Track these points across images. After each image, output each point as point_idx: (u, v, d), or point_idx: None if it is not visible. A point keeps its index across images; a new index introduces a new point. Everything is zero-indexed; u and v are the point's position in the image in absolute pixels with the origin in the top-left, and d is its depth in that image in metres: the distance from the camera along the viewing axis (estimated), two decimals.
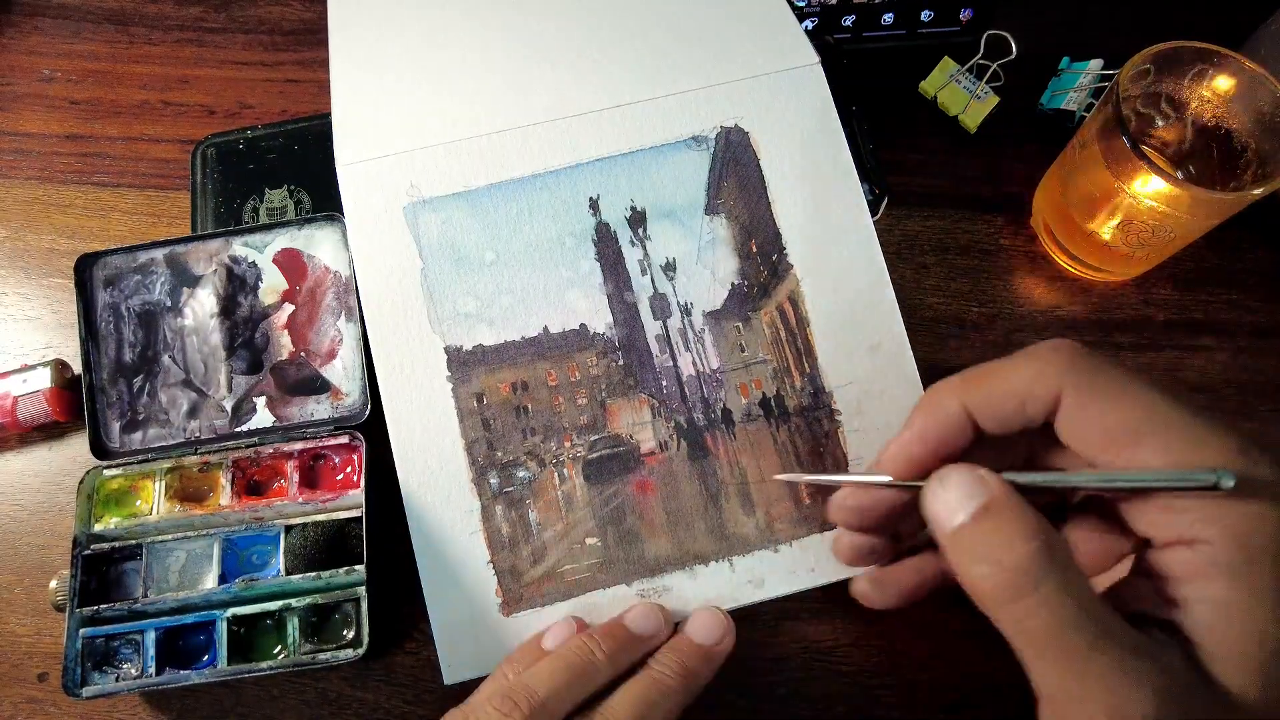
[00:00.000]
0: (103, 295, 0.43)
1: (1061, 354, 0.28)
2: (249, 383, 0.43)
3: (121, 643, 0.40)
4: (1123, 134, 0.42)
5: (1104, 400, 0.27)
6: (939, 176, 0.53)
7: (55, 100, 0.55)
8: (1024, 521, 0.26)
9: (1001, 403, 0.28)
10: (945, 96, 0.53)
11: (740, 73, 0.42)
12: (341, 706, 0.41)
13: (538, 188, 0.41)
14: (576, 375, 0.40)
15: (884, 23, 0.53)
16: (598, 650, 0.34)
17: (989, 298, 0.50)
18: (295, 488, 0.41)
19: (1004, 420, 0.29)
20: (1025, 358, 0.28)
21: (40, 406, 0.45)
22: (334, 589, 0.40)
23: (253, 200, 0.49)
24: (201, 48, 0.57)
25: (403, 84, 0.43)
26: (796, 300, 0.41)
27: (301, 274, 0.44)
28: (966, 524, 0.27)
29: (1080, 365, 0.27)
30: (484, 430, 0.39)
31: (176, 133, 0.54)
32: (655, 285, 0.41)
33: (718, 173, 0.42)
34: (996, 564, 0.26)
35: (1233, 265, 0.51)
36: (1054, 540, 0.26)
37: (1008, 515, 0.26)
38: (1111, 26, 0.57)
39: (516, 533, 0.39)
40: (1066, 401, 0.27)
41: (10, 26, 0.57)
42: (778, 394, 0.41)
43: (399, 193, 0.41)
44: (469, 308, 0.40)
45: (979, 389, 0.29)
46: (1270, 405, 0.48)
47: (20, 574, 0.44)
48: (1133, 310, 0.50)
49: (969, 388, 0.29)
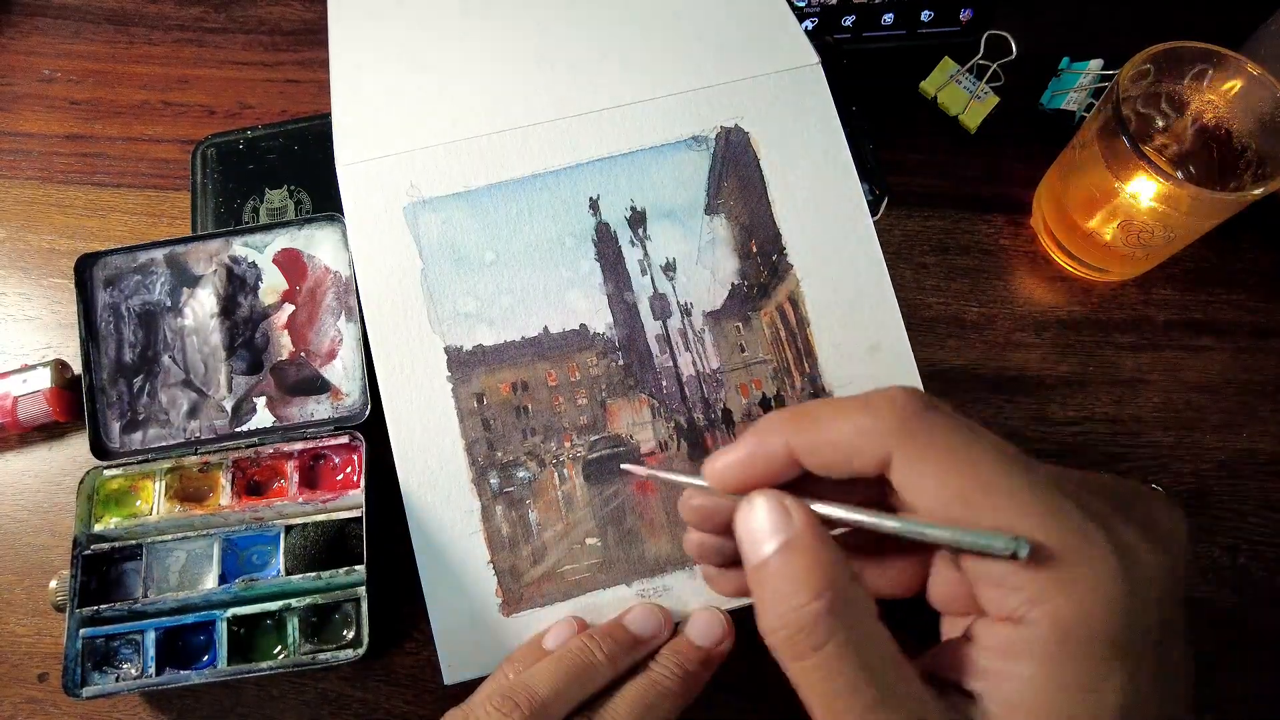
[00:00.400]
0: (103, 295, 0.43)
1: (893, 409, 0.26)
2: (249, 383, 0.43)
3: (121, 643, 0.40)
4: (1123, 134, 0.42)
5: (934, 464, 0.25)
6: (939, 176, 0.53)
7: (55, 100, 0.55)
8: (816, 570, 0.25)
9: (825, 453, 0.27)
10: (945, 96, 0.53)
11: (740, 73, 0.42)
12: (341, 706, 0.41)
13: (538, 188, 0.41)
14: (576, 375, 0.40)
15: (884, 23, 0.53)
16: (598, 651, 0.34)
17: (989, 298, 0.50)
18: (295, 488, 0.41)
19: (830, 469, 0.27)
20: (856, 408, 0.26)
21: (40, 406, 0.45)
22: (334, 589, 0.40)
23: (253, 200, 0.49)
24: (201, 48, 0.57)
25: (403, 84, 0.43)
26: (796, 300, 0.41)
27: (301, 274, 0.44)
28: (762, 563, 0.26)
29: (913, 426, 0.25)
30: (484, 430, 0.39)
31: (176, 133, 0.54)
32: (655, 285, 0.41)
33: (718, 173, 0.42)
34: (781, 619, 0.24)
35: (1233, 265, 0.51)
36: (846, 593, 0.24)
37: (801, 561, 0.25)
38: (1111, 26, 0.57)
39: (516, 533, 0.39)
40: (897, 462, 0.25)
41: (10, 26, 0.57)
42: (778, 394, 0.41)
43: (399, 193, 0.41)
44: (469, 308, 0.40)
45: (804, 433, 0.27)
46: (1270, 405, 0.48)
47: (20, 574, 0.44)
48: (1133, 310, 0.50)
49: (796, 429, 0.27)
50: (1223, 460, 0.47)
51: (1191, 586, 0.44)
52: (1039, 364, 0.49)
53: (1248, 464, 0.47)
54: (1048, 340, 0.49)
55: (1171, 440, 0.47)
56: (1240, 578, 0.45)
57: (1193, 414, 0.48)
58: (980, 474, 0.24)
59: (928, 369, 0.42)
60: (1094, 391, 0.48)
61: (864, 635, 0.24)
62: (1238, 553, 0.45)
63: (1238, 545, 0.45)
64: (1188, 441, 0.47)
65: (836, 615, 0.24)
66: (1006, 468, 0.24)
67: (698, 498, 0.30)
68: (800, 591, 0.24)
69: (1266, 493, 0.46)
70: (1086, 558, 0.23)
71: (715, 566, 0.33)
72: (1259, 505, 0.46)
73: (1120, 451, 0.47)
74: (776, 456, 0.27)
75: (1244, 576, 0.45)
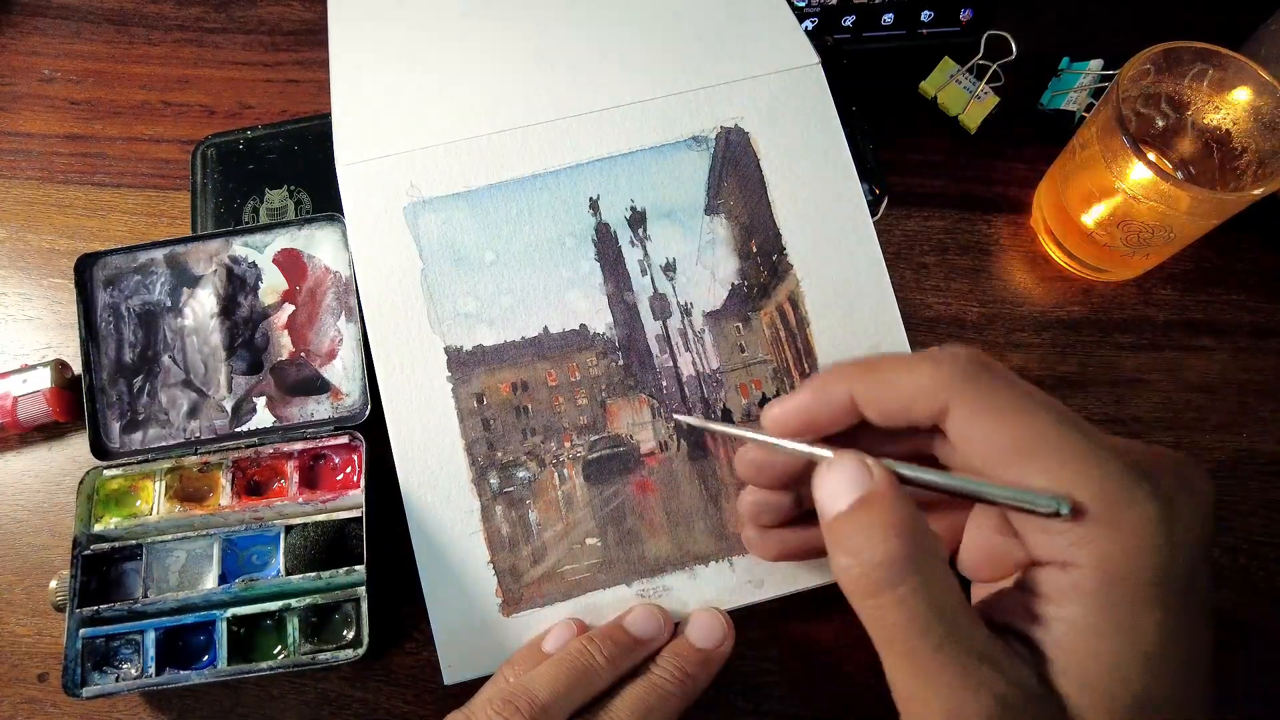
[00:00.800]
0: (103, 295, 0.43)
1: (955, 364, 0.27)
2: (249, 383, 0.43)
3: (121, 643, 0.40)
4: (1123, 134, 0.42)
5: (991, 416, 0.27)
6: (939, 176, 0.53)
7: (55, 100, 0.55)
8: (894, 517, 0.26)
9: (888, 402, 0.28)
10: (945, 96, 0.53)
11: (740, 73, 0.42)
12: (341, 706, 0.41)
13: (538, 188, 0.41)
14: (576, 375, 0.40)
15: (884, 23, 0.53)
16: (598, 653, 0.34)
17: (989, 298, 0.50)
18: (295, 488, 0.41)
19: (889, 418, 0.29)
20: (920, 361, 0.28)
21: (40, 406, 0.45)
22: (334, 589, 0.40)
23: (253, 200, 0.49)
24: (201, 48, 0.57)
25: (403, 84, 0.43)
26: (796, 300, 0.41)
27: (301, 274, 0.44)
28: (844, 513, 0.27)
29: (972, 377, 0.27)
30: (484, 430, 0.39)
31: (176, 133, 0.54)
32: (655, 285, 0.41)
33: (718, 173, 0.42)
34: (858, 557, 0.26)
35: (1233, 265, 0.51)
36: (922, 540, 0.26)
37: (880, 509, 0.27)
38: (1111, 26, 0.57)
39: (516, 533, 0.39)
40: (954, 413, 0.27)
41: (10, 26, 0.57)
42: (778, 394, 0.41)
43: (399, 193, 0.41)
44: (469, 308, 0.40)
45: (868, 382, 0.29)
46: (1270, 405, 0.48)
47: (20, 574, 0.44)
48: (1133, 310, 0.50)
49: (859, 378, 0.29)
50: (1223, 460, 0.47)
51: None
52: (1039, 364, 0.49)
53: (1248, 464, 0.47)
54: (1048, 340, 0.49)
55: (1171, 440, 0.47)
56: (1240, 578, 0.45)
57: (1193, 414, 0.48)
58: (1034, 427, 0.26)
59: None
60: (1094, 391, 0.48)
61: (936, 579, 0.26)
62: (1238, 553, 0.45)
63: (1238, 545, 0.45)
64: (1188, 441, 0.47)
65: (913, 559, 0.25)
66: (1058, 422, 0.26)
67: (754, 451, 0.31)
68: (880, 535, 0.26)
69: (1266, 493, 0.46)
70: (1131, 503, 0.25)
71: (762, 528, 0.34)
72: (1259, 505, 0.46)
73: None
74: (839, 404, 0.29)
75: (1244, 576, 0.45)
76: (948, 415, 0.27)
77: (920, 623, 0.25)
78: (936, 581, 0.26)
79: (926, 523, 0.27)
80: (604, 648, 0.35)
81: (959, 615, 0.25)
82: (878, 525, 0.26)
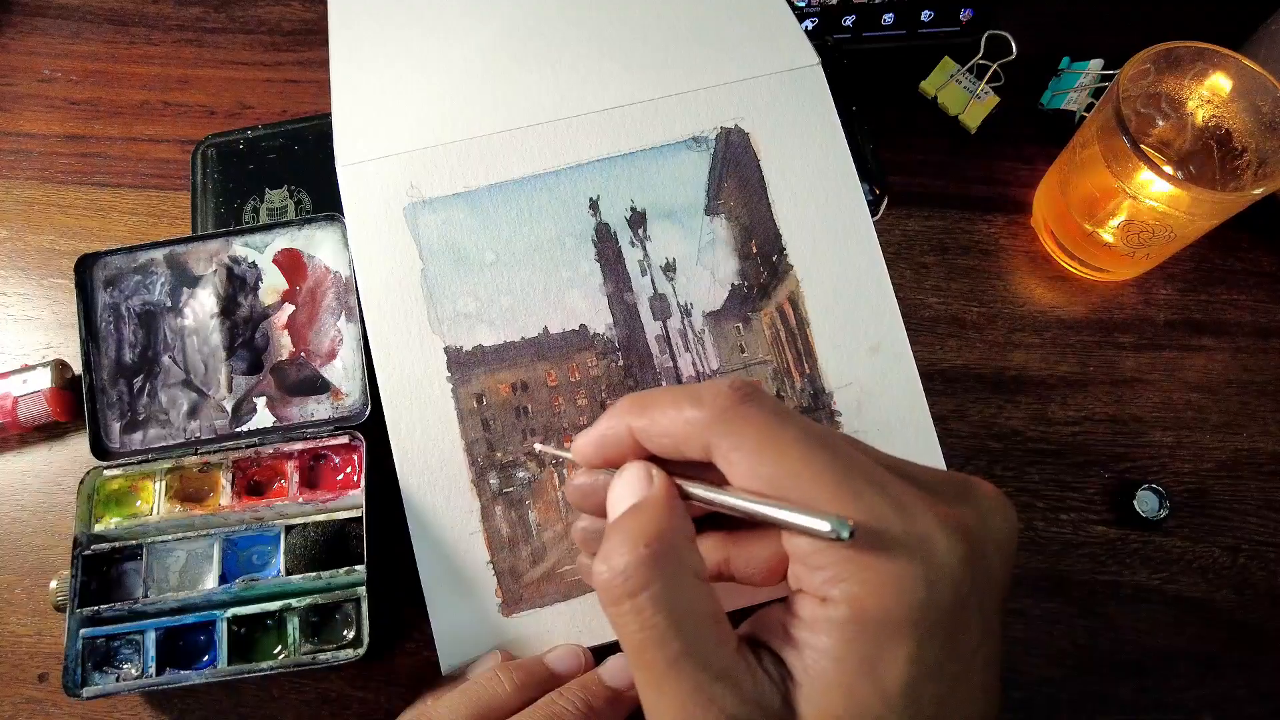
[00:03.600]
0: (103, 295, 0.43)
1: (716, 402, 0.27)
2: (249, 383, 0.43)
3: (122, 643, 0.40)
4: (1123, 134, 0.42)
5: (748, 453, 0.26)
6: (939, 176, 0.53)
7: (55, 100, 0.55)
8: (653, 526, 0.26)
9: (660, 439, 0.28)
10: (945, 96, 0.53)
11: (740, 73, 0.42)
12: (341, 706, 0.41)
13: (538, 188, 0.41)
14: (576, 376, 0.40)
15: (884, 23, 0.53)
16: (507, 682, 0.35)
17: (989, 298, 0.50)
18: (295, 488, 0.41)
19: (667, 453, 0.28)
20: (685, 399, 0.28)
21: (40, 407, 0.45)
22: (334, 589, 0.40)
23: (253, 200, 0.49)
24: (201, 48, 0.57)
25: (403, 84, 0.43)
26: (796, 301, 0.41)
27: (301, 274, 0.44)
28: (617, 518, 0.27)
29: (729, 417, 0.27)
30: (484, 431, 0.39)
31: (176, 133, 0.54)
32: (655, 286, 0.41)
33: (718, 173, 0.42)
34: (608, 562, 0.26)
35: (1233, 265, 0.51)
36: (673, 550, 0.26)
37: (643, 518, 0.27)
38: (1111, 26, 0.57)
39: (516, 533, 0.39)
40: (716, 452, 0.27)
41: (10, 26, 0.57)
42: (778, 394, 0.41)
43: (399, 193, 0.41)
44: (469, 308, 0.40)
45: (641, 420, 0.29)
46: (1270, 405, 0.48)
47: (20, 574, 0.44)
48: (1133, 310, 0.50)
49: (636, 415, 0.29)
50: (1223, 460, 0.47)
51: (1191, 586, 0.45)
52: (1039, 364, 0.49)
53: (1248, 464, 0.47)
54: (1048, 340, 0.49)
55: (1171, 440, 0.47)
56: (1240, 578, 0.45)
57: (1193, 414, 0.48)
58: (787, 461, 0.26)
59: (928, 369, 0.42)
60: (1094, 391, 0.48)
61: (680, 591, 0.26)
62: (1238, 553, 0.45)
63: (1238, 545, 0.45)
64: (1188, 441, 0.47)
65: (655, 567, 0.25)
66: (812, 453, 0.26)
67: (580, 477, 0.31)
68: (630, 539, 0.26)
69: (1266, 493, 0.46)
70: (884, 541, 0.25)
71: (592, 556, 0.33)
72: (1259, 505, 0.46)
73: (1120, 451, 0.47)
74: (623, 438, 0.29)
75: (1244, 576, 0.45)
76: (712, 455, 0.27)
77: (657, 634, 0.25)
78: (681, 593, 0.25)
79: (690, 535, 0.27)
80: (515, 677, 0.35)
81: (702, 629, 0.25)
82: (632, 533, 0.26)
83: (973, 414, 0.47)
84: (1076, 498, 0.46)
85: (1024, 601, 0.44)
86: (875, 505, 0.25)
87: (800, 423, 0.27)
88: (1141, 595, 0.44)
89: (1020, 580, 0.44)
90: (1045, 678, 0.43)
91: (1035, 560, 0.45)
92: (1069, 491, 0.46)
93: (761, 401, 0.27)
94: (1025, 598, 0.44)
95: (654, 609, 0.25)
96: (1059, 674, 0.43)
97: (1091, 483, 0.46)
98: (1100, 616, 0.44)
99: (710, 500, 0.28)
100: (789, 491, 0.26)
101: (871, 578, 0.25)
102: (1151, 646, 0.44)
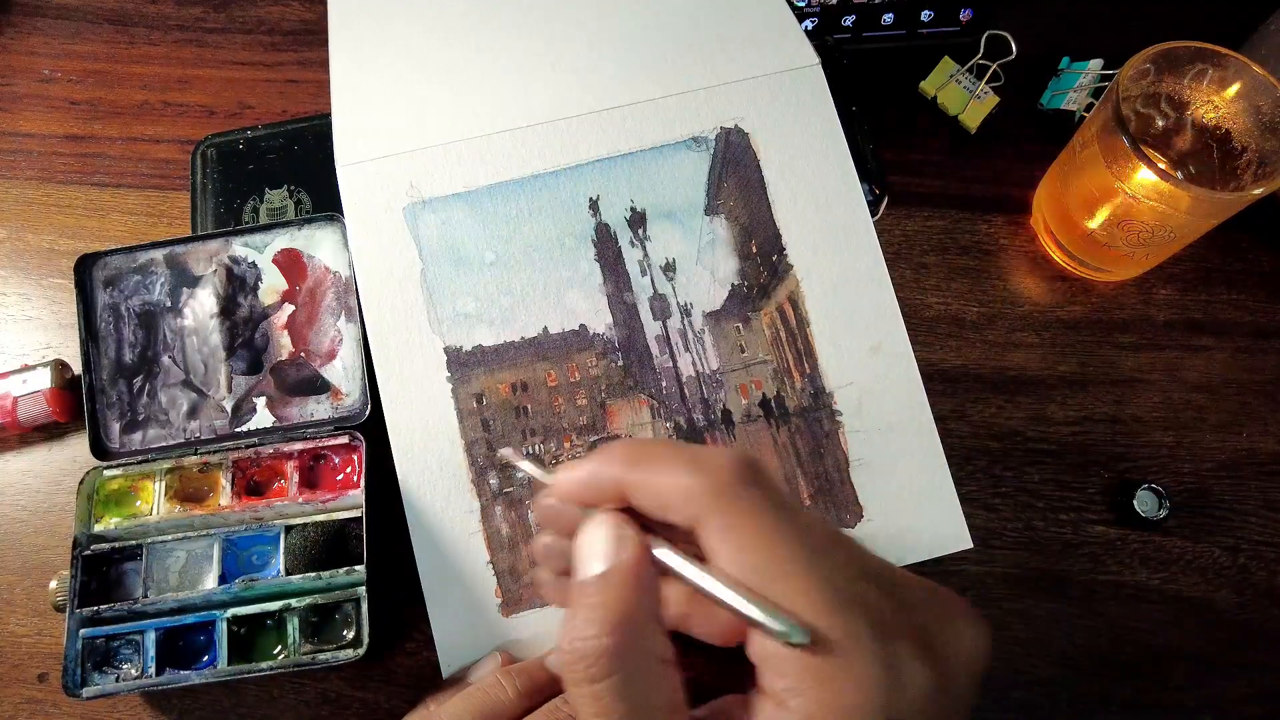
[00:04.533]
0: (103, 295, 0.43)
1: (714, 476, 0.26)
2: (249, 383, 0.43)
3: (121, 643, 0.40)
4: (1123, 134, 0.42)
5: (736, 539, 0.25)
6: (939, 176, 0.53)
7: (55, 100, 0.55)
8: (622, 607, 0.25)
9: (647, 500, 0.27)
10: (945, 96, 0.53)
11: (740, 73, 0.42)
12: (341, 707, 0.41)
13: (538, 188, 0.41)
14: (576, 376, 0.40)
15: (884, 23, 0.53)
16: (510, 687, 0.35)
17: (989, 298, 0.50)
18: (295, 488, 0.41)
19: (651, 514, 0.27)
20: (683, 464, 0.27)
21: (40, 407, 0.45)
22: (334, 589, 0.40)
23: (253, 200, 0.49)
24: (201, 48, 0.57)
25: (403, 84, 0.43)
26: (796, 300, 0.41)
27: (301, 274, 0.44)
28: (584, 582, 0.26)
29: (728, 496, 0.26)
30: (484, 431, 0.39)
31: (176, 133, 0.54)
32: (655, 286, 0.41)
33: (718, 173, 0.42)
34: (573, 640, 0.25)
35: (1233, 265, 0.51)
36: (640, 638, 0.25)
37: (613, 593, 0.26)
38: (1111, 26, 0.57)
39: (516, 533, 0.39)
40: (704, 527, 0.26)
41: (10, 26, 0.57)
42: (778, 395, 0.41)
43: (399, 193, 0.41)
44: (469, 308, 0.40)
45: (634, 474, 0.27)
46: (1270, 405, 0.48)
47: (20, 574, 0.44)
48: (1133, 310, 0.50)
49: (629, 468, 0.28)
50: (1223, 460, 0.47)
51: (1191, 586, 0.45)
52: (1039, 364, 0.49)
53: (1248, 464, 0.47)
54: (1048, 340, 0.49)
55: (1171, 440, 0.47)
56: (1240, 578, 0.45)
57: (1193, 414, 0.48)
58: (776, 558, 0.25)
59: (928, 369, 0.42)
60: (1094, 391, 0.48)
61: (642, 682, 0.25)
62: (1238, 553, 0.45)
63: (1238, 545, 0.45)
64: (1188, 441, 0.47)
65: (619, 657, 0.25)
66: (803, 556, 0.25)
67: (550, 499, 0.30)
68: (596, 622, 0.25)
69: (1266, 493, 0.46)
70: (849, 663, 0.24)
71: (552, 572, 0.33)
72: (1259, 505, 0.46)
73: (1120, 451, 0.47)
74: (611, 489, 0.28)
75: (1244, 576, 0.45)
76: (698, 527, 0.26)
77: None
78: (643, 684, 0.25)
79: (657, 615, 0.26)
80: (517, 682, 0.35)
81: None
82: (601, 611, 0.25)
83: (973, 414, 0.47)
84: (1076, 498, 0.46)
85: (1024, 601, 0.44)
86: (852, 623, 0.24)
87: (800, 520, 0.26)
88: (1141, 595, 0.44)
89: (1020, 580, 0.44)
90: (1045, 678, 0.43)
91: (1035, 560, 0.45)
92: (1069, 491, 0.46)
93: (765, 486, 0.26)
94: (1025, 598, 0.44)
95: (613, 698, 0.24)
96: (1059, 674, 0.43)
97: (1091, 483, 0.46)
98: (1100, 616, 0.44)
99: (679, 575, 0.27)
100: (768, 588, 0.25)
101: (830, 699, 0.24)
102: (1151, 646, 0.44)
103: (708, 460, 0.27)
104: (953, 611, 0.28)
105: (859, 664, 0.24)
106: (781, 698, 0.24)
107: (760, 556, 0.25)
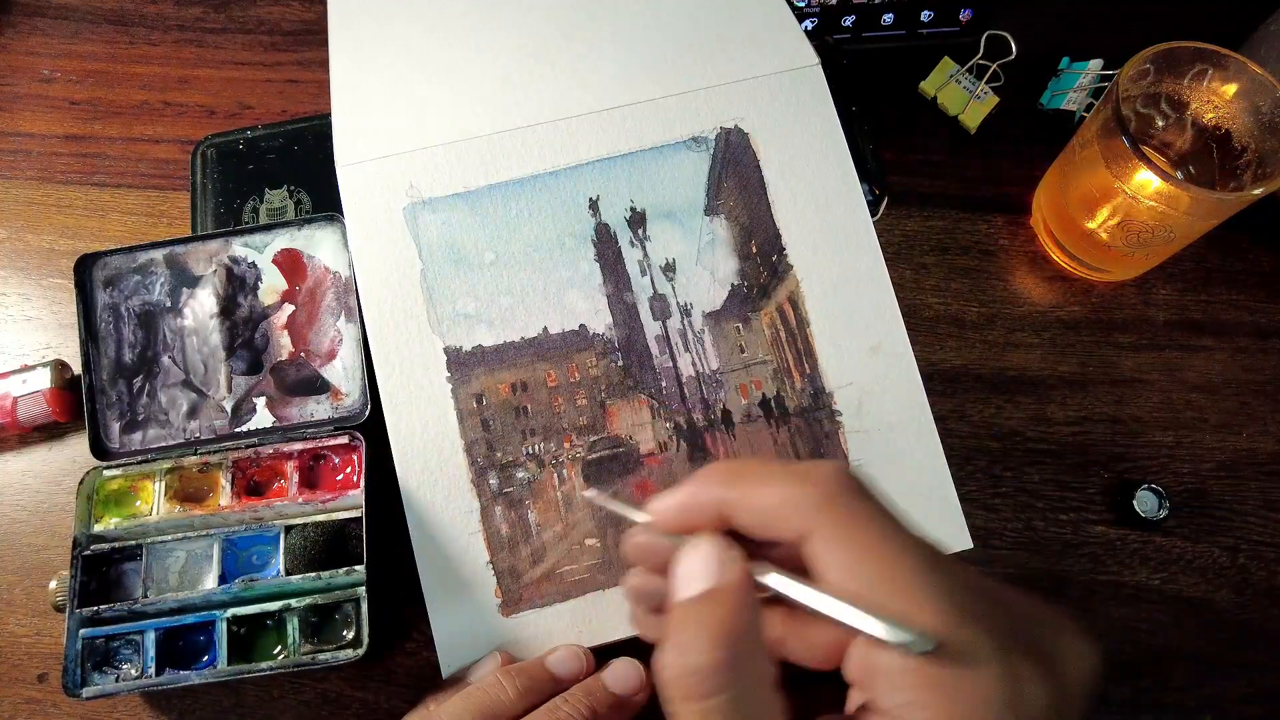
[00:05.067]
0: (102, 295, 0.43)
1: (821, 488, 0.26)
2: (249, 383, 0.43)
3: (121, 643, 0.40)
4: (1123, 134, 0.42)
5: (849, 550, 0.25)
6: (939, 176, 0.53)
7: (55, 100, 0.55)
8: (728, 624, 0.25)
9: (751, 517, 0.27)
10: (945, 96, 0.53)
11: (740, 73, 0.42)
12: (341, 707, 0.41)
13: (537, 188, 0.41)
14: (576, 376, 0.40)
15: (884, 23, 0.53)
16: (510, 687, 0.35)
17: (989, 298, 0.50)
18: (295, 488, 0.41)
19: (754, 531, 0.27)
20: (787, 479, 0.27)
21: (40, 407, 0.45)
22: (334, 589, 0.40)
23: (253, 200, 0.49)
24: (201, 48, 0.57)
25: (403, 84, 0.43)
26: (796, 300, 0.41)
27: (301, 274, 0.44)
28: (686, 601, 0.26)
29: (835, 504, 0.26)
30: (484, 431, 0.39)
31: (176, 133, 0.54)
32: (655, 286, 0.41)
33: (717, 173, 0.42)
34: (679, 657, 0.25)
35: (1233, 265, 0.51)
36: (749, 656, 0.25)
37: (718, 610, 0.25)
38: (1111, 26, 0.57)
39: (516, 533, 0.39)
40: (813, 540, 0.26)
41: (10, 26, 0.57)
42: (778, 395, 0.41)
43: (399, 193, 0.41)
44: (469, 308, 0.40)
45: (734, 494, 0.27)
46: (1270, 405, 0.48)
47: (20, 574, 0.44)
48: (1133, 310, 0.50)
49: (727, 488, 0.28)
50: (1223, 460, 0.47)
51: (1191, 586, 0.45)
52: (1039, 364, 0.49)
53: (1248, 464, 0.47)
54: (1048, 340, 0.49)
55: (1171, 440, 0.47)
56: (1240, 578, 0.45)
57: (1193, 414, 0.48)
58: (893, 568, 0.25)
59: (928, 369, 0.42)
60: (1094, 391, 0.48)
61: (753, 700, 0.25)
62: (1238, 553, 0.45)
63: (1238, 545, 0.45)
64: (1188, 441, 0.47)
65: (731, 673, 0.24)
66: (921, 567, 0.25)
67: (642, 535, 0.30)
68: (706, 638, 0.25)
69: (1266, 493, 0.46)
70: (974, 674, 0.23)
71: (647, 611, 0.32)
72: (1259, 505, 0.46)
73: (1120, 451, 0.47)
74: (710, 510, 0.28)
75: (1244, 576, 0.45)
76: (808, 540, 0.26)
77: None
78: (752, 705, 0.24)
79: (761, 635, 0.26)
80: (517, 682, 0.35)
81: None
82: (708, 627, 0.25)
83: (972, 414, 0.47)
84: (1076, 498, 0.46)
85: None
86: (975, 635, 0.24)
87: (911, 530, 0.26)
88: (1141, 595, 0.44)
89: (1020, 580, 0.44)
90: None
91: (1035, 560, 0.45)
92: (1069, 491, 0.46)
93: (873, 498, 0.26)
94: None
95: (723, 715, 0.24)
96: None
97: (1091, 483, 0.46)
98: (1100, 616, 0.44)
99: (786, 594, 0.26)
100: (885, 600, 0.24)
101: (955, 711, 0.23)
102: (1151, 646, 0.44)
103: (813, 472, 0.27)
104: (1063, 628, 0.28)
105: (983, 676, 0.23)
106: (899, 713, 0.24)
107: (876, 568, 0.25)
